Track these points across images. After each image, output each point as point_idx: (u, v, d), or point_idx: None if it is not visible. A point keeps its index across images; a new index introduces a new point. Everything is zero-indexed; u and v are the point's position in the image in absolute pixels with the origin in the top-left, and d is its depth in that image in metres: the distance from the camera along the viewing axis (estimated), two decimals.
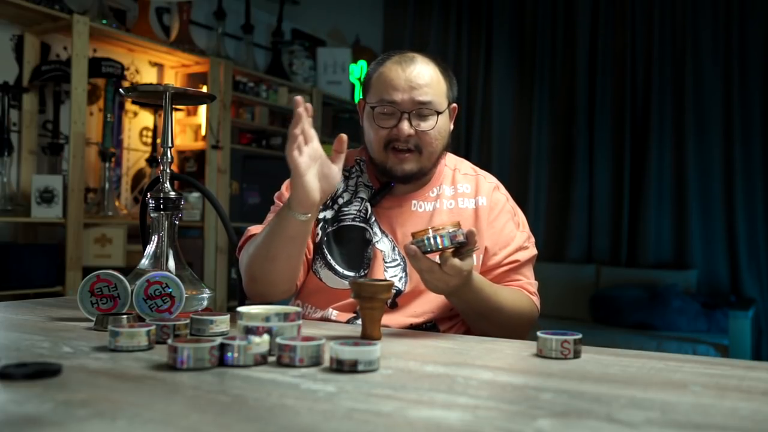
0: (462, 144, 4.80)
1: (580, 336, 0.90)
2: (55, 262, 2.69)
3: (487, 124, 4.76)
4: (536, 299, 1.32)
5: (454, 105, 1.38)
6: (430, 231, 1.01)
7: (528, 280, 1.33)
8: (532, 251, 1.35)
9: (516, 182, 4.60)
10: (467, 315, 1.23)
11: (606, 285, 4.08)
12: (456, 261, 1.02)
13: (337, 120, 4.32)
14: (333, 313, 1.29)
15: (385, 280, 1.04)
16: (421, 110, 1.27)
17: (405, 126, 1.26)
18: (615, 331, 3.63)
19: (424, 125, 1.28)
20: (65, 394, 0.65)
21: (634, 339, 3.42)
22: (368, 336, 1.00)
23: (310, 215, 1.12)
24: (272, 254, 1.18)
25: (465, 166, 1.43)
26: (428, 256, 1.03)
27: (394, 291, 1.27)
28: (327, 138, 4.19)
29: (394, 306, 1.27)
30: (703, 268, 4.04)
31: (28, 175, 2.79)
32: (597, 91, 4.42)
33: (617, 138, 4.34)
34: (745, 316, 3.19)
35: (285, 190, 1.41)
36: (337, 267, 1.30)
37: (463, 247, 1.03)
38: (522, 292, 1.29)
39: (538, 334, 0.91)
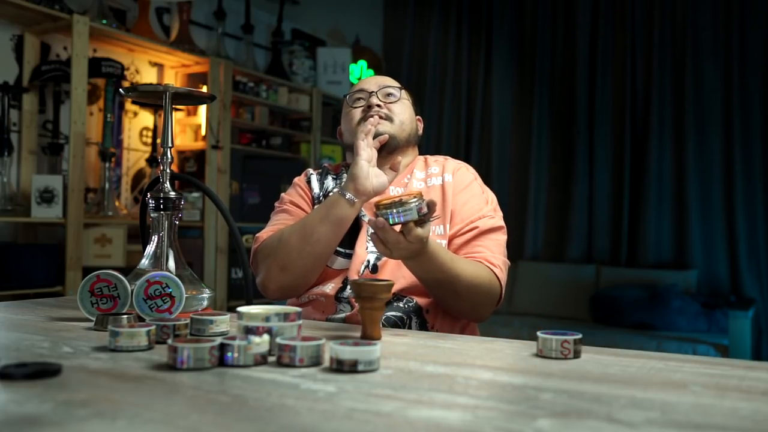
0: (462, 144, 4.81)
1: (580, 336, 0.90)
2: (55, 262, 2.69)
3: (487, 125, 4.77)
4: (499, 272, 1.30)
5: (419, 117, 1.52)
6: (396, 207, 1.05)
7: (491, 253, 1.32)
8: (497, 222, 1.37)
9: (516, 182, 4.60)
10: (425, 282, 1.26)
11: (606, 285, 4.08)
12: (419, 230, 1.08)
13: (338, 120, 4.32)
14: (329, 286, 1.34)
15: (386, 280, 1.04)
16: (386, 91, 1.44)
17: (374, 99, 1.41)
18: (615, 331, 3.63)
19: (391, 98, 1.44)
20: (65, 394, 0.65)
21: (634, 339, 3.42)
22: (368, 336, 1.00)
23: (357, 202, 1.24)
24: (315, 238, 1.26)
25: (437, 156, 1.53)
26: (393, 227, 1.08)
27: (375, 257, 1.34)
28: (327, 138, 4.19)
29: (375, 270, 1.33)
30: (703, 268, 4.04)
31: (28, 175, 2.79)
32: (597, 91, 4.42)
33: (617, 138, 4.35)
34: (745, 316, 3.19)
35: (284, 195, 1.50)
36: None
37: (425, 216, 1.07)
38: (481, 264, 1.29)
39: (538, 334, 0.91)
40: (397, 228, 1.08)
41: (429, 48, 4.99)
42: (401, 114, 1.43)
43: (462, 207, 1.37)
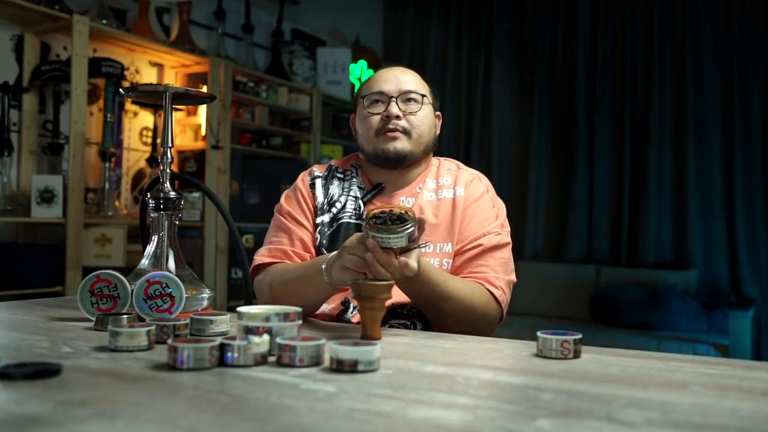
0: (462, 144, 4.80)
1: (580, 336, 0.90)
2: (55, 262, 2.69)
3: (487, 125, 4.76)
4: (499, 294, 1.27)
5: (438, 113, 1.45)
6: (387, 233, 1.01)
7: (494, 273, 1.29)
8: (503, 239, 1.34)
9: (516, 182, 4.60)
10: (417, 302, 1.25)
11: (606, 285, 4.08)
12: (412, 261, 1.04)
13: (338, 120, 4.32)
14: (328, 306, 1.33)
15: (386, 280, 1.03)
16: (406, 96, 1.37)
17: (393, 108, 1.35)
18: (615, 331, 3.63)
19: (411, 108, 1.37)
20: (65, 394, 0.65)
21: (634, 339, 3.42)
22: (368, 336, 1.00)
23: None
24: (302, 303, 1.17)
25: (449, 163, 1.48)
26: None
27: None
28: (327, 138, 4.19)
29: None
30: (703, 268, 4.04)
31: (28, 175, 2.79)
32: (597, 91, 4.42)
33: (617, 138, 4.35)
34: (745, 316, 3.19)
35: (284, 202, 1.45)
36: None
37: (416, 240, 1.05)
38: (479, 286, 1.26)
39: (538, 334, 0.91)
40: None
41: (429, 48, 4.99)
42: (420, 126, 1.37)
43: (468, 223, 1.34)
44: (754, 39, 4.03)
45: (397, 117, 1.34)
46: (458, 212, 1.35)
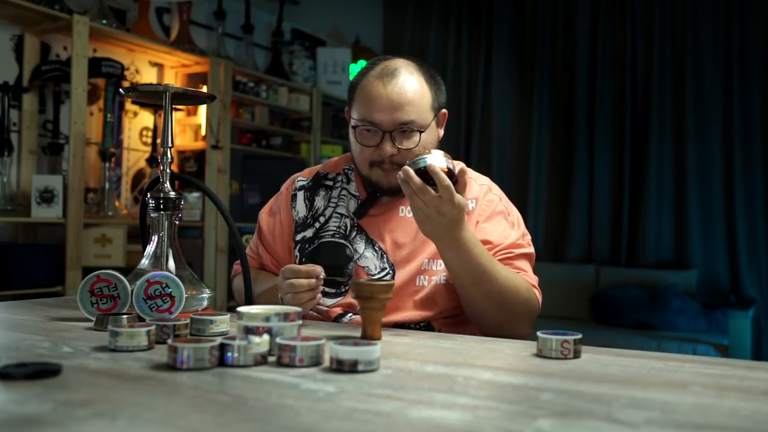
0: (462, 145, 4.81)
1: (580, 336, 0.90)
2: (55, 262, 2.69)
3: (487, 125, 4.77)
4: (537, 292, 1.25)
5: (444, 111, 1.34)
6: (420, 156, 1.06)
7: (526, 273, 1.27)
8: (528, 250, 1.30)
9: (516, 182, 4.60)
10: (460, 277, 1.17)
11: (606, 285, 4.08)
12: (458, 195, 1.05)
13: (338, 120, 4.32)
14: (323, 307, 1.31)
15: (386, 280, 1.03)
16: (403, 129, 1.25)
17: (387, 147, 1.24)
18: (615, 331, 3.63)
19: (407, 143, 1.25)
20: (65, 394, 0.65)
21: (634, 339, 3.42)
22: (368, 336, 1.00)
23: None
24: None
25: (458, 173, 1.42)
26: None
27: None
28: (327, 138, 4.19)
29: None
30: (703, 268, 4.04)
31: (28, 175, 2.79)
32: (597, 91, 4.42)
33: (617, 138, 4.35)
34: (745, 316, 3.19)
35: (267, 214, 1.44)
36: None
37: (455, 176, 1.07)
38: (519, 275, 1.24)
39: (538, 334, 0.91)
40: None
41: (429, 48, 4.99)
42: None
43: (488, 234, 1.28)
44: (754, 39, 4.03)
45: (392, 155, 1.24)
46: (472, 225, 1.28)
